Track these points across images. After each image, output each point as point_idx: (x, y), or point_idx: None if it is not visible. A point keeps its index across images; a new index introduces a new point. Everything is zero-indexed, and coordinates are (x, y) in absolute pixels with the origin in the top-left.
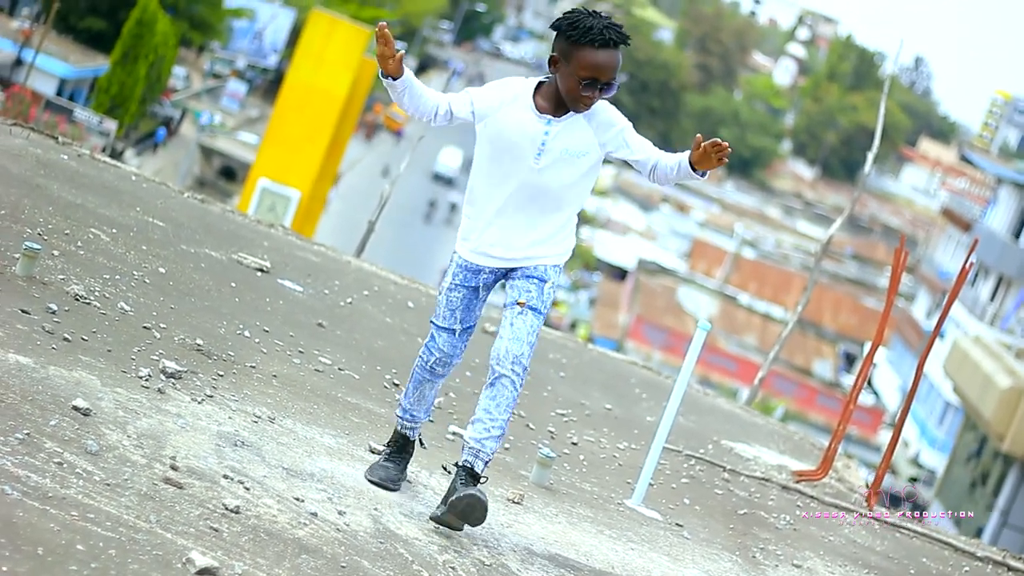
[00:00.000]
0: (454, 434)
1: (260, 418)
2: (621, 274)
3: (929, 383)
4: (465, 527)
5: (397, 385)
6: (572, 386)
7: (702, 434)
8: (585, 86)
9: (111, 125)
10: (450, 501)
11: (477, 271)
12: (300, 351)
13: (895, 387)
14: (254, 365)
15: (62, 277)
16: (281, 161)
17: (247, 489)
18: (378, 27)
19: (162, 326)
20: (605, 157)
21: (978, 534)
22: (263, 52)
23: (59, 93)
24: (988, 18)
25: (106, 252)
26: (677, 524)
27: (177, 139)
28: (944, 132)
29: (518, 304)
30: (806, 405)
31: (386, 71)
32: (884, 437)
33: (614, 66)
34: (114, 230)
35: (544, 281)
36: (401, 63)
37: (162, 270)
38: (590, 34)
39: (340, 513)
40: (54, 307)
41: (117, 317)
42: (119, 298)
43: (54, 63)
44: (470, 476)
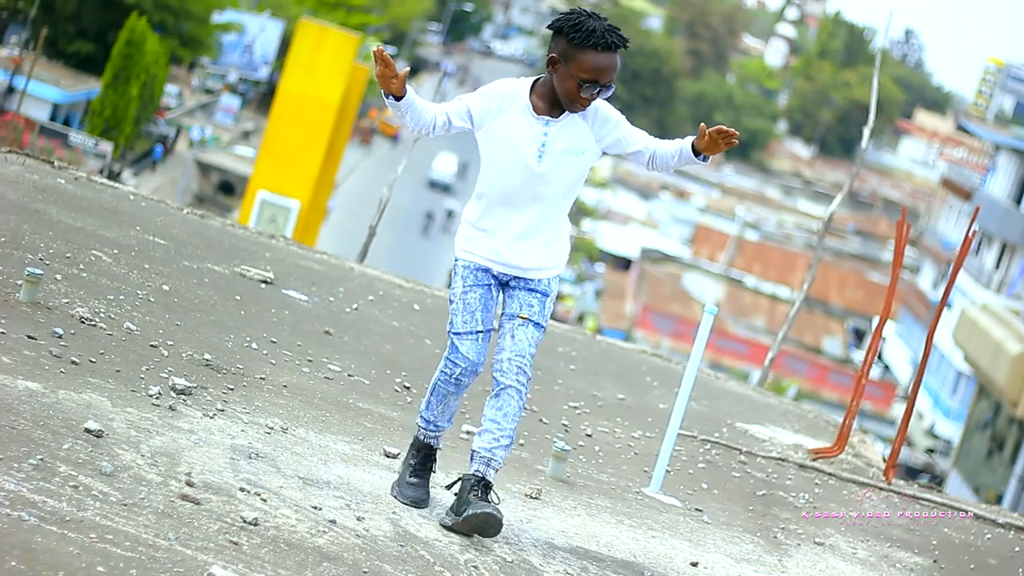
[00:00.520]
0: (468, 433)
1: (273, 429)
2: (625, 264)
3: (939, 354)
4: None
5: (408, 388)
6: (583, 378)
7: (716, 418)
8: (584, 88)
9: (107, 147)
10: (465, 515)
11: (486, 270)
12: (309, 360)
13: (906, 360)
14: (264, 377)
15: (66, 301)
16: (279, 172)
17: (264, 501)
18: (375, 51)
19: (169, 343)
20: (603, 152)
21: (998, 501)
22: (254, 65)
23: (53, 118)
24: None
25: (109, 273)
26: (696, 509)
27: (173, 156)
28: (939, 103)
29: (519, 317)
30: (818, 383)
31: (389, 91)
32: (898, 410)
33: (614, 69)
34: (115, 251)
35: (546, 296)
36: (404, 82)
37: (166, 287)
38: (592, 37)
39: (359, 519)
40: (60, 331)
41: (124, 337)
42: (124, 318)
43: (46, 89)
44: (482, 486)
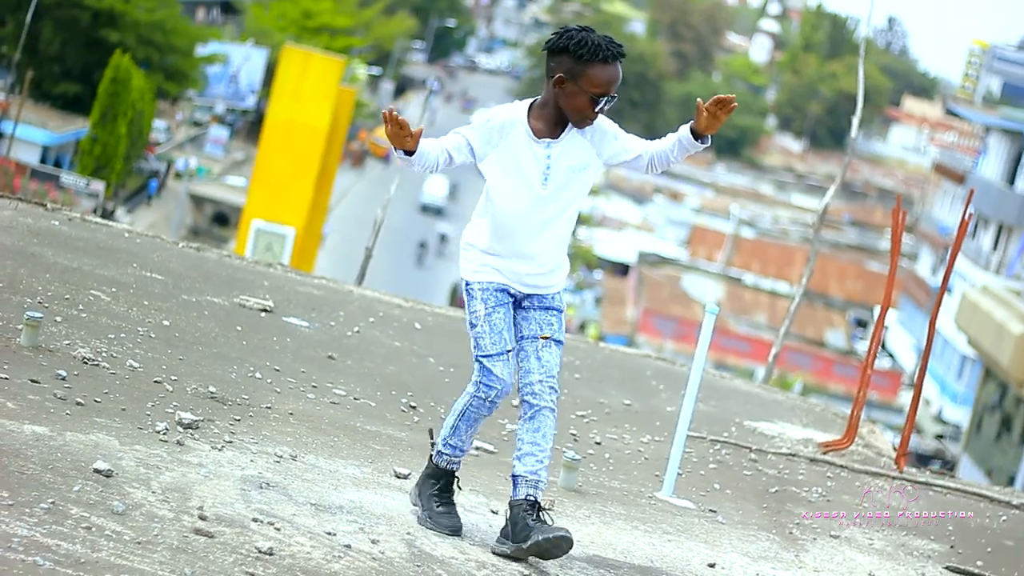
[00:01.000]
0: (478, 449)
1: (282, 457)
2: (623, 269)
3: (943, 339)
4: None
5: (415, 408)
6: (588, 386)
7: (724, 418)
8: (595, 102)
9: (99, 186)
10: (534, 541)
11: (504, 289)
12: (313, 386)
13: (910, 347)
14: (269, 406)
15: (68, 342)
16: (272, 200)
17: (278, 530)
18: (385, 114)
19: (173, 378)
20: (604, 164)
21: (1010, 483)
22: (240, 94)
23: (43, 160)
24: None
25: (108, 312)
26: (711, 510)
27: (166, 191)
28: (926, 88)
29: (541, 338)
30: (823, 376)
31: (402, 148)
32: (905, 399)
33: (620, 79)
34: (114, 289)
35: (560, 311)
36: (419, 138)
37: (166, 323)
38: (600, 51)
39: (373, 542)
40: (63, 373)
41: (127, 375)
42: (127, 356)
43: (34, 131)
44: (536, 508)
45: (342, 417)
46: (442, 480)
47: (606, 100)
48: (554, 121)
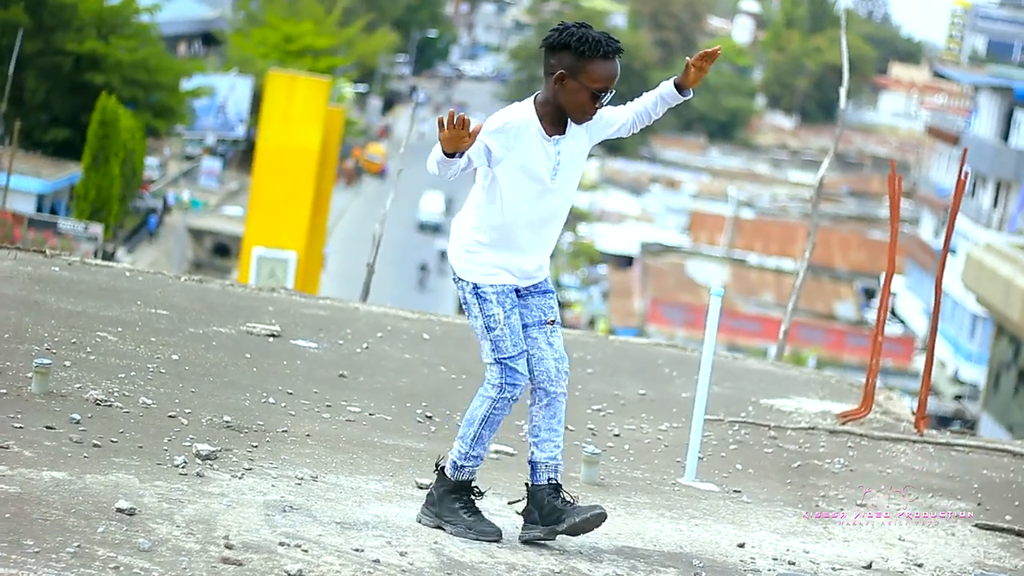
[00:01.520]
0: (497, 452)
1: (303, 479)
2: (627, 262)
3: (952, 300)
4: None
5: (430, 418)
6: (602, 380)
7: (740, 398)
8: (596, 97)
9: (97, 229)
10: (571, 522)
11: (514, 288)
12: (328, 405)
13: (919, 311)
14: (286, 429)
15: (79, 386)
16: (270, 226)
17: (305, 552)
18: (451, 114)
19: (187, 411)
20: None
21: None
22: (229, 124)
23: (39, 209)
24: None
25: (116, 352)
26: (735, 491)
27: (165, 227)
28: (912, 53)
29: (548, 323)
30: (836, 349)
31: (457, 149)
32: (920, 363)
33: (619, 74)
34: (120, 329)
35: (554, 293)
36: (476, 136)
37: (175, 357)
38: (600, 47)
39: (402, 554)
40: (77, 416)
41: (141, 413)
42: (139, 394)
43: (28, 181)
44: (558, 491)
45: (359, 433)
46: (464, 492)
47: (606, 95)
48: (556, 118)
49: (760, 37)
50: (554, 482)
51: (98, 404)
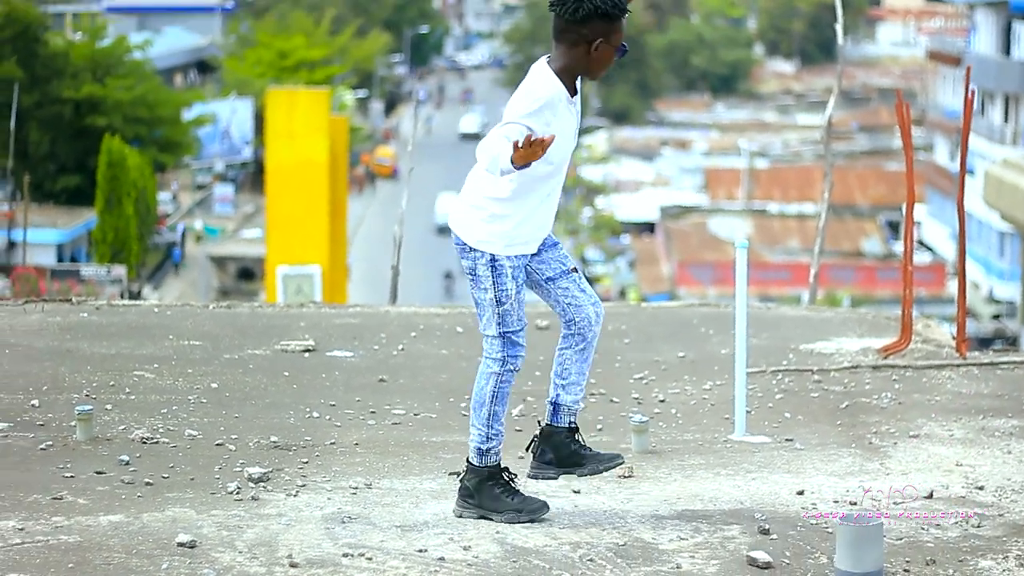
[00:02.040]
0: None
1: (357, 488)
2: (649, 228)
3: (976, 220)
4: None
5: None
6: (639, 347)
7: (780, 347)
8: (617, 53)
9: (120, 270)
10: (595, 468)
11: (526, 257)
12: (372, 412)
13: (946, 237)
14: (333, 441)
15: (123, 427)
16: (291, 244)
17: (369, 560)
18: (528, 138)
19: (234, 437)
20: None
21: None
22: (235, 148)
23: (60, 259)
24: None
25: (155, 388)
26: (787, 440)
27: (188, 259)
28: None
29: (572, 271)
30: (868, 285)
31: (524, 163)
32: (953, 288)
33: None
34: (156, 365)
35: (561, 244)
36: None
37: (214, 385)
38: (621, 5)
39: (465, 549)
40: (126, 457)
41: (188, 445)
42: (184, 426)
43: (45, 233)
44: (575, 433)
45: (407, 435)
46: (498, 478)
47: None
48: (572, 80)
49: None
50: (573, 425)
51: (144, 443)
